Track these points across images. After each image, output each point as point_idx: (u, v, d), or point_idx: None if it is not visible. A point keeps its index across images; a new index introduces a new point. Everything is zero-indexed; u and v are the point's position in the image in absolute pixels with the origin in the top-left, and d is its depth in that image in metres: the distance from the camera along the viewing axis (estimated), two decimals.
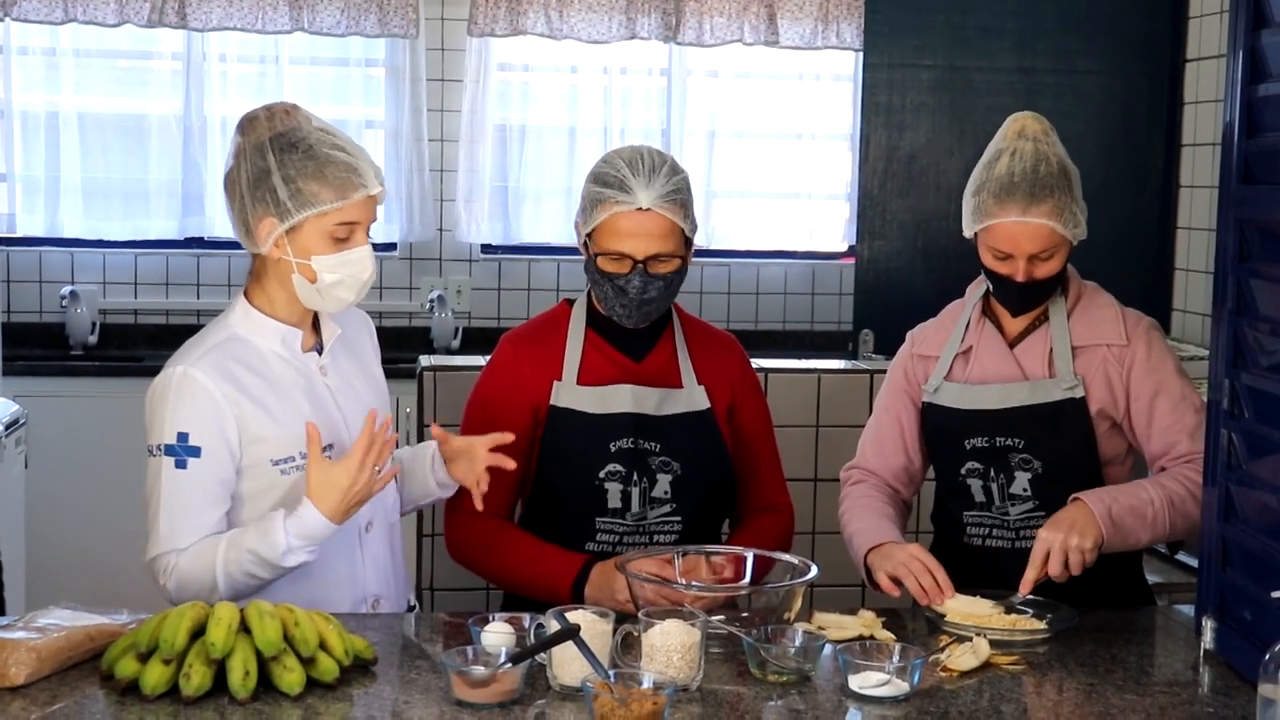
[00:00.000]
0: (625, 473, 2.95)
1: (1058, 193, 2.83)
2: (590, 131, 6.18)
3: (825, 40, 6.15)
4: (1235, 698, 2.40)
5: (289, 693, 2.29)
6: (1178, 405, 2.89)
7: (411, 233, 6.13)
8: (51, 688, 2.33)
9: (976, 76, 5.48)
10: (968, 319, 3.03)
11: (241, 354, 2.68)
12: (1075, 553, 2.71)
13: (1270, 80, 2.47)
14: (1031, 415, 2.91)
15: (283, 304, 2.72)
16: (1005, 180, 2.84)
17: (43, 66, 5.95)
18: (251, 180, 2.64)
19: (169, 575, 2.62)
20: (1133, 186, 5.59)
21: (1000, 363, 2.97)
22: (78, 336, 5.91)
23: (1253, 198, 2.51)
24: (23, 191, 5.99)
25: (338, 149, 2.65)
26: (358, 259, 2.67)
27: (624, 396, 2.96)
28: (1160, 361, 2.92)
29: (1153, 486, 2.81)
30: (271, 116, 2.67)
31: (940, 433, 3.00)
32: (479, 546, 2.98)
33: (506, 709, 2.28)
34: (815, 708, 2.35)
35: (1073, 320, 2.95)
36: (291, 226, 2.63)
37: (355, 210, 2.66)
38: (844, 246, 6.41)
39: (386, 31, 5.95)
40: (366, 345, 2.92)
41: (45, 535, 5.04)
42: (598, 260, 2.91)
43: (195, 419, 2.62)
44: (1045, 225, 2.83)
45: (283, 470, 2.67)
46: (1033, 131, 2.89)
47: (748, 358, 3.17)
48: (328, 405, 2.75)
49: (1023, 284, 2.87)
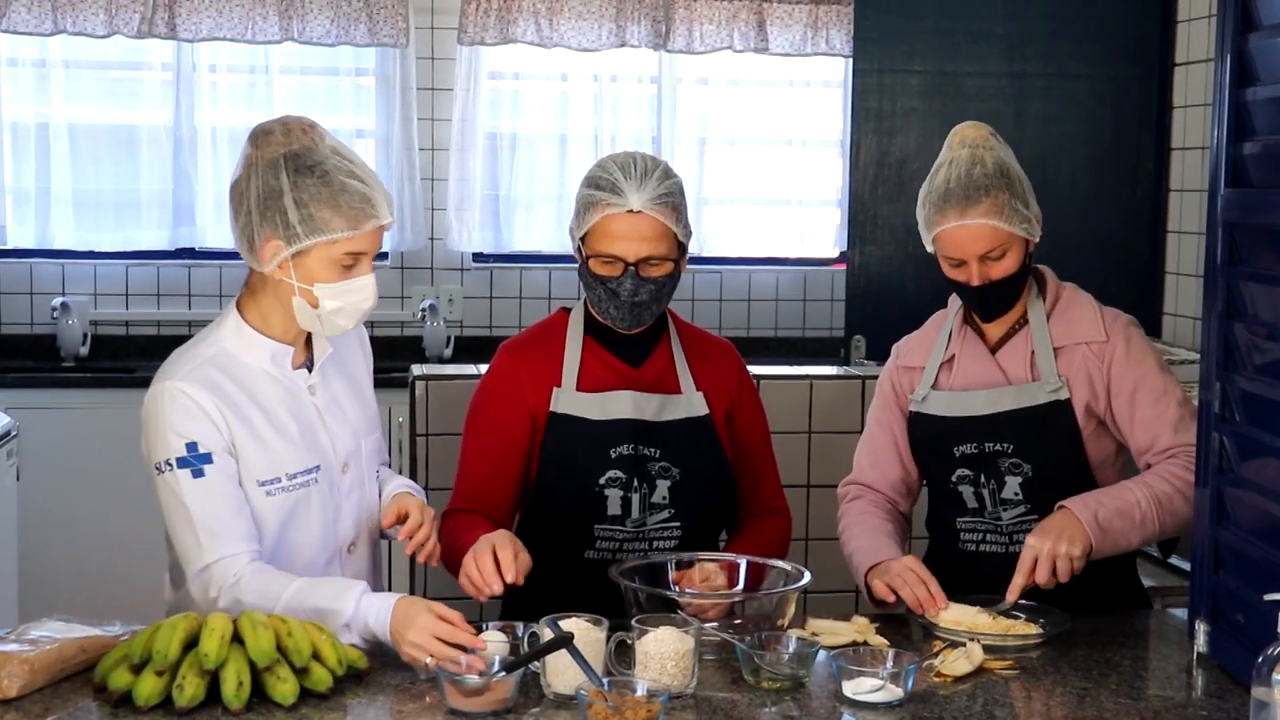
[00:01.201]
0: (625, 479, 2.95)
1: (994, 192, 2.85)
2: (581, 139, 6.18)
3: (815, 46, 6.16)
4: (1229, 701, 2.41)
5: (283, 703, 2.29)
6: (1159, 399, 2.90)
7: (403, 242, 6.13)
8: (44, 700, 2.32)
9: (966, 81, 5.49)
10: (950, 328, 3.04)
11: (230, 369, 2.64)
12: (1064, 560, 2.71)
13: (1258, 84, 2.48)
14: (1018, 419, 2.92)
15: (277, 322, 2.67)
16: (943, 189, 2.88)
17: (33, 78, 5.94)
18: (262, 197, 2.57)
19: (223, 589, 2.53)
20: (1123, 190, 5.60)
21: (983, 369, 2.98)
22: (69, 348, 5.90)
23: (1242, 201, 2.51)
24: (13, 203, 5.98)
25: (354, 177, 2.59)
26: (360, 287, 2.63)
27: (624, 402, 2.96)
28: (1140, 356, 2.93)
29: (1139, 487, 2.82)
30: (288, 132, 2.60)
31: (929, 441, 3.01)
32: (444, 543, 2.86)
33: (500, 718, 2.28)
34: (809, 714, 2.35)
35: (1052, 321, 2.97)
36: (298, 251, 2.58)
37: (364, 241, 2.60)
38: (835, 252, 6.41)
39: (376, 41, 5.96)
40: (359, 363, 2.88)
41: (37, 547, 5.03)
42: (590, 263, 2.91)
43: (196, 428, 2.58)
44: (985, 225, 2.85)
45: (268, 492, 2.63)
46: (971, 139, 2.92)
47: (744, 364, 3.17)
48: (314, 425, 2.72)
49: (980, 287, 2.88)
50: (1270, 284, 2.44)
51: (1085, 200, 5.58)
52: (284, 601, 2.51)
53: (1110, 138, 5.59)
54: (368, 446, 2.82)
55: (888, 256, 5.37)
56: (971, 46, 5.49)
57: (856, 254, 5.47)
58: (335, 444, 2.74)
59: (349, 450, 2.76)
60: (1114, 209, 5.58)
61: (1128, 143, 5.59)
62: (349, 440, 2.77)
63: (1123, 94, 5.55)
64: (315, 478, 2.68)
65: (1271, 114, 2.44)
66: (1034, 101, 5.52)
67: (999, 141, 2.94)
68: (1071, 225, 5.53)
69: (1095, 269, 5.22)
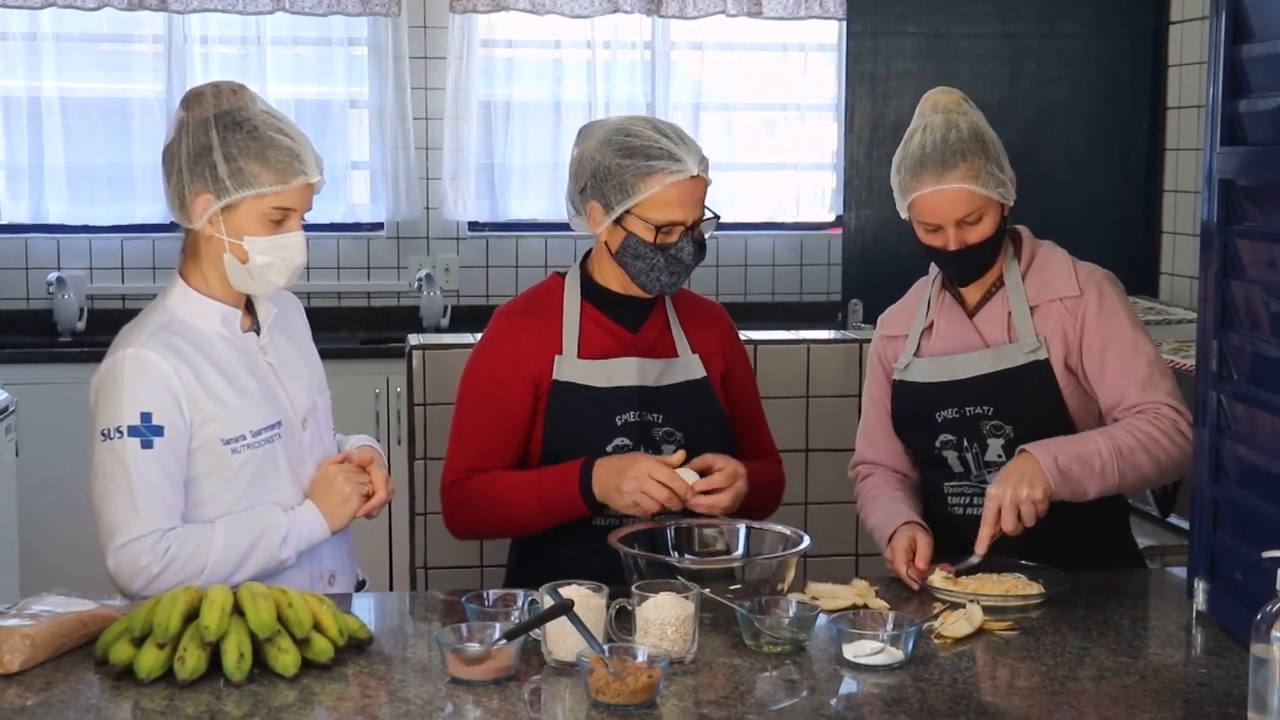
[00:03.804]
0: (633, 446, 2.92)
1: (970, 156, 2.85)
2: (575, 106, 6.16)
3: (808, 10, 6.13)
4: (1227, 658, 2.41)
5: (284, 674, 2.30)
6: (1128, 356, 2.89)
7: (398, 212, 6.12)
8: (46, 674, 2.33)
9: (960, 42, 5.48)
10: (929, 295, 3.04)
11: (185, 333, 2.68)
12: (1026, 504, 2.71)
13: (1253, 41, 2.47)
14: (997, 382, 2.92)
15: (217, 283, 2.71)
16: (918, 154, 2.88)
17: (23, 52, 5.92)
18: (192, 155, 2.63)
19: (155, 557, 2.58)
20: (1118, 150, 5.60)
21: (961, 333, 2.98)
22: (65, 322, 5.90)
23: (1237, 159, 2.51)
24: (6, 178, 5.98)
25: (282, 133, 2.65)
26: (291, 243, 2.67)
27: (629, 369, 2.95)
28: (1112, 312, 2.93)
29: (1101, 436, 2.81)
30: (218, 94, 2.68)
31: (912, 408, 3.01)
32: (480, 507, 2.94)
33: (502, 685, 2.28)
34: (810, 677, 2.36)
35: (1027, 281, 2.97)
36: (227, 205, 2.63)
37: (293, 196, 2.66)
38: (831, 217, 6.40)
39: (368, 10, 5.93)
40: (300, 326, 2.93)
41: (37, 522, 5.04)
42: (641, 232, 2.87)
43: (154, 399, 2.61)
44: (962, 189, 2.85)
45: (233, 449, 2.67)
46: (944, 104, 2.92)
47: (734, 323, 3.17)
48: (271, 384, 2.76)
49: (957, 251, 2.88)
50: (1266, 241, 2.44)
51: (1080, 160, 5.58)
52: (218, 543, 2.61)
53: (1105, 97, 5.59)
54: (322, 404, 2.87)
55: (884, 220, 5.36)
56: (965, 7, 5.48)
57: (852, 218, 5.47)
58: (293, 401, 2.78)
59: (306, 407, 2.81)
60: (1109, 168, 5.58)
61: (1123, 102, 5.59)
62: (304, 398, 2.81)
63: (1117, 53, 5.54)
64: (278, 433, 2.72)
65: (1267, 71, 2.43)
66: (1028, 62, 5.51)
67: (971, 106, 2.94)
68: (1067, 185, 5.53)
69: (1091, 229, 5.24)
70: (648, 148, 2.86)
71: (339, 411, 3.00)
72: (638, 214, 2.87)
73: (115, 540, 2.61)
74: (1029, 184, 3.05)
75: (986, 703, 2.27)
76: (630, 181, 2.85)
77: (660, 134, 2.88)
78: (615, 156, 2.87)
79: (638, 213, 2.86)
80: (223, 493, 2.67)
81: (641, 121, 2.92)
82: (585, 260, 3.06)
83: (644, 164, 2.85)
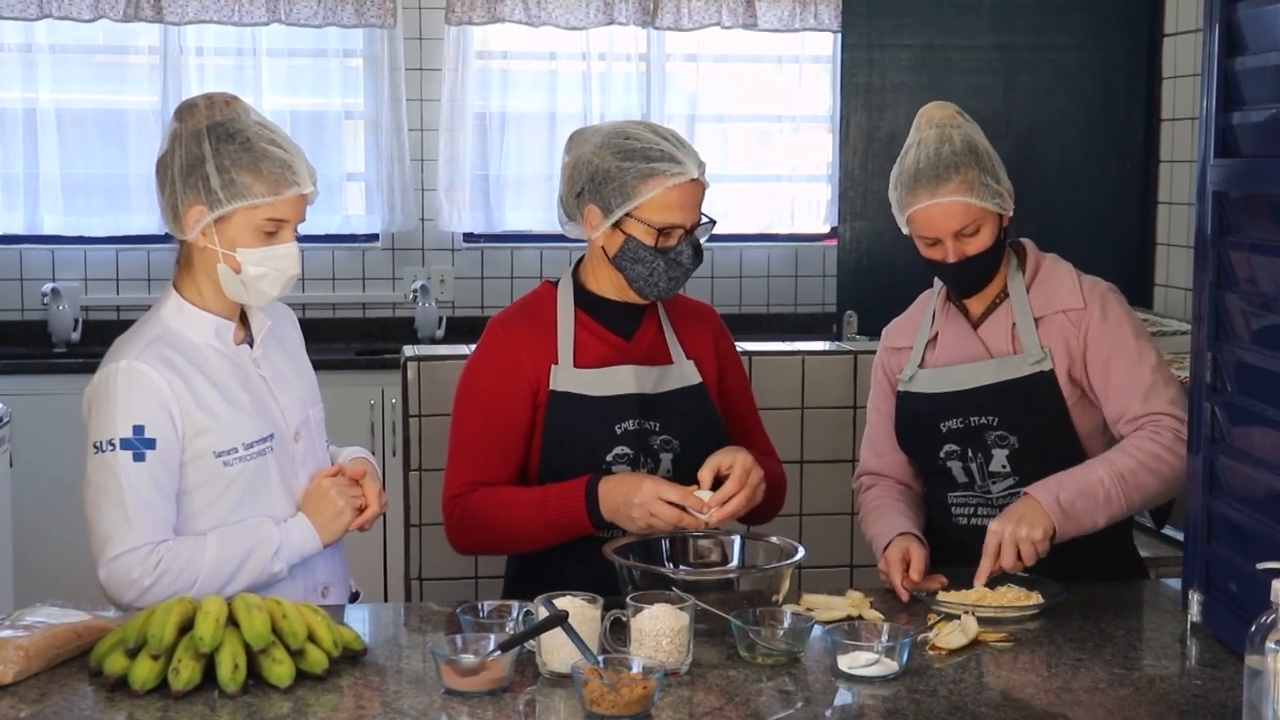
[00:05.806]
0: (632, 455, 2.91)
1: (964, 169, 2.86)
2: (570, 118, 6.15)
3: (803, 22, 6.15)
4: (1222, 669, 2.41)
5: (278, 685, 2.29)
6: (1133, 366, 2.90)
7: (393, 223, 6.12)
8: (40, 685, 2.32)
9: (955, 55, 5.49)
10: (934, 307, 3.05)
11: (178, 346, 2.68)
12: (1025, 544, 2.72)
13: (1246, 54, 2.47)
14: (1001, 392, 2.93)
15: (211, 295, 2.71)
16: (913, 169, 2.90)
17: (18, 63, 5.92)
18: (185, 166, 2.63)
19: (147, 570, 2.58)
20: (1113, 162, 5.60)
21: (966, 344, 2.99)
22: (60, 334, 5.89)
23: (1231, 171, 2.51)
24: (2, 189, 5.97)
25: (274, 144, 2.65)
26: (284, 254, 2.67)
27: (626, 377, 2.93)
28: (1116, 323, 2.93)
29: (1102, 465, 2.82)
30: (211, 105, 2.68)
31: (916, 419, 3.02)
32: (483, 525, 2.90)
33: (497, 697, 2.28)
34: (805, 689, 2.36)
35: (1031, 292, 2.97)
36: (220, 216, 2.63)
37: (286, 207, 2.66)
38: (826, 228, 6.41)
39: (364, 21, 5.94)
40: (293, 338, 2.92)
41: (31, 533, 5.03)
42: (642, 236, 2.85)
43: (147, 411, 2.61)
44: (957, 202, 2.86)
45: (225, 462, 2.66)
46: (938, 118, 2.93)
47: (723, 324, 3.17)
48: (264, 396, 2.75)
49: (957, 264, 2.89)
50: (1261, 254, 2.44)
51: (1075, 172, 5.58)
52: (210, 556, 2.61)
53: (1100, 109, 5.59)
54: (315, 416, 2.86)
55: (879, 231, 5.36)
56: (960, 19, 5.49)
57: (848, 229, 5.46)
58: (285, 414, 2.78)
59: (299, 420, 2.81)
60: (1104, 180, 5.58)
61: (1117, 114, 5.59)
62: (298, 410, 2.81)
63: (1111, 65, 5.55)
64: (270, 445, 2.72)
65: (1260, 83, 2.44)
66: (1023, 74, 5.51)
67: (966, 119, 2.94)
68: (1062, 197, 5.53)
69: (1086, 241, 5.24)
70: (647, 150, 2.84)
71: (333, 423, 3.00)
72: (638, 217, 2.86)
73: (107, 552, 2.61)
74: (1023, 195, 3.05)
75: (981, 714, 2.26)
76: (630, 184, 2.84)
77: (659, 136, 2.87)
78: (614, 159, 2.85)
79: (638, 215, 2.86)
80: (215, 505, 2.67)
81: (638, 125, 2.91)
82: (577, 267, 3.04)
83: (644, 166, 2.84)
